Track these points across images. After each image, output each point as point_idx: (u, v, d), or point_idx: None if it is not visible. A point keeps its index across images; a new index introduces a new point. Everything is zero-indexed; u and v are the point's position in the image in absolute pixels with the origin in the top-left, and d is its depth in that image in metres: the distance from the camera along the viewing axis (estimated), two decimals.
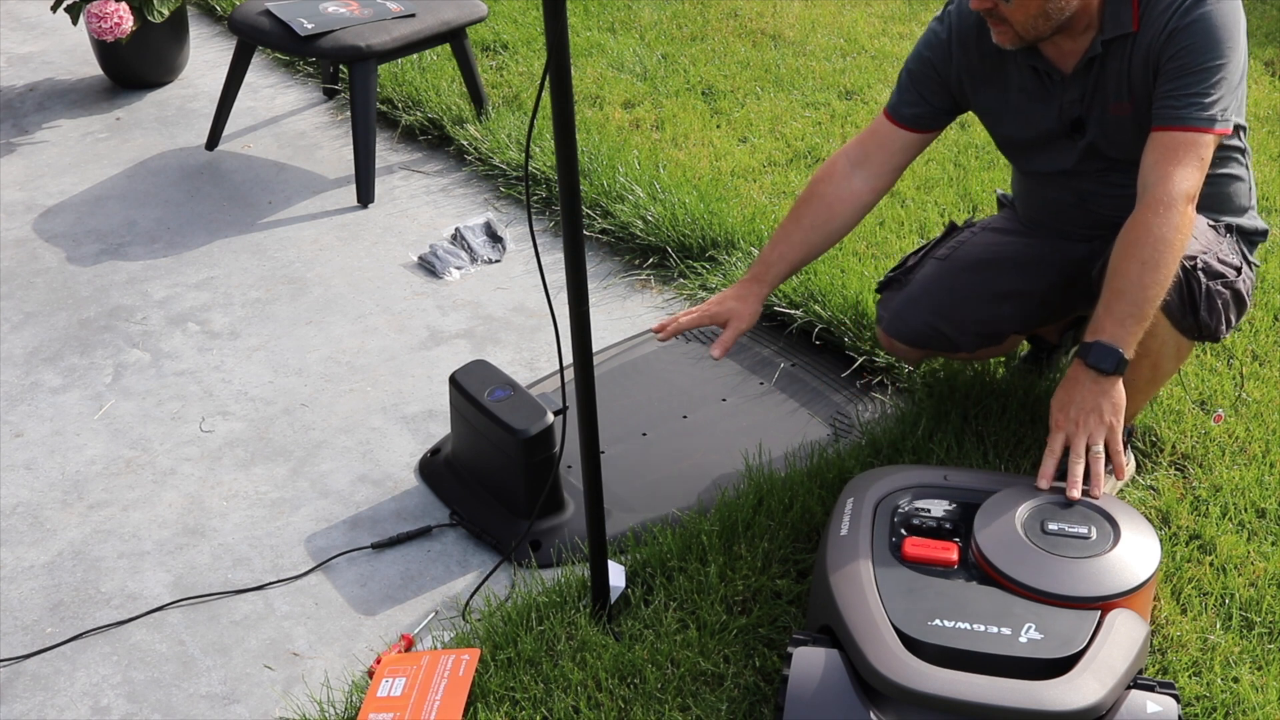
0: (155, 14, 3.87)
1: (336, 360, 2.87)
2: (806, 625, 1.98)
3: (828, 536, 1.95)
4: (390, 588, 2.27)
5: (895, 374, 2.68)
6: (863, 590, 1.80)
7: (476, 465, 2.41)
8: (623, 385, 2.72)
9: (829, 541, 1.93)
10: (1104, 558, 1.80)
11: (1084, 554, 1.81)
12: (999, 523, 1.87)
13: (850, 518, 1.95)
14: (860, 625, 1.75)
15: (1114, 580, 1.78)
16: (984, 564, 1.83)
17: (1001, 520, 1.87)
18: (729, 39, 4.41)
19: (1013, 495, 1.93)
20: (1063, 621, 1.73)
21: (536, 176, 3.46)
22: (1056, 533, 1.85)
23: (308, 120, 3.99)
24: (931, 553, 1.85)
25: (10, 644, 2.17)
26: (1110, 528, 1.86)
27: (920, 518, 1.94)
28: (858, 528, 1.93)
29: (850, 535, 1.92)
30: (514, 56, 4.27)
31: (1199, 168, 1.96)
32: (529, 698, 1.96)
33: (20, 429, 2.67)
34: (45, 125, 3.97)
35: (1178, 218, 1.92)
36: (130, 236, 3.37)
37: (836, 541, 1.92)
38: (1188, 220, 1.94)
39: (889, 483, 2.02)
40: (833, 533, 1.95)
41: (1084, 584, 1.77)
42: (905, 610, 1.76)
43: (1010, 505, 1.90)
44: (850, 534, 1.92)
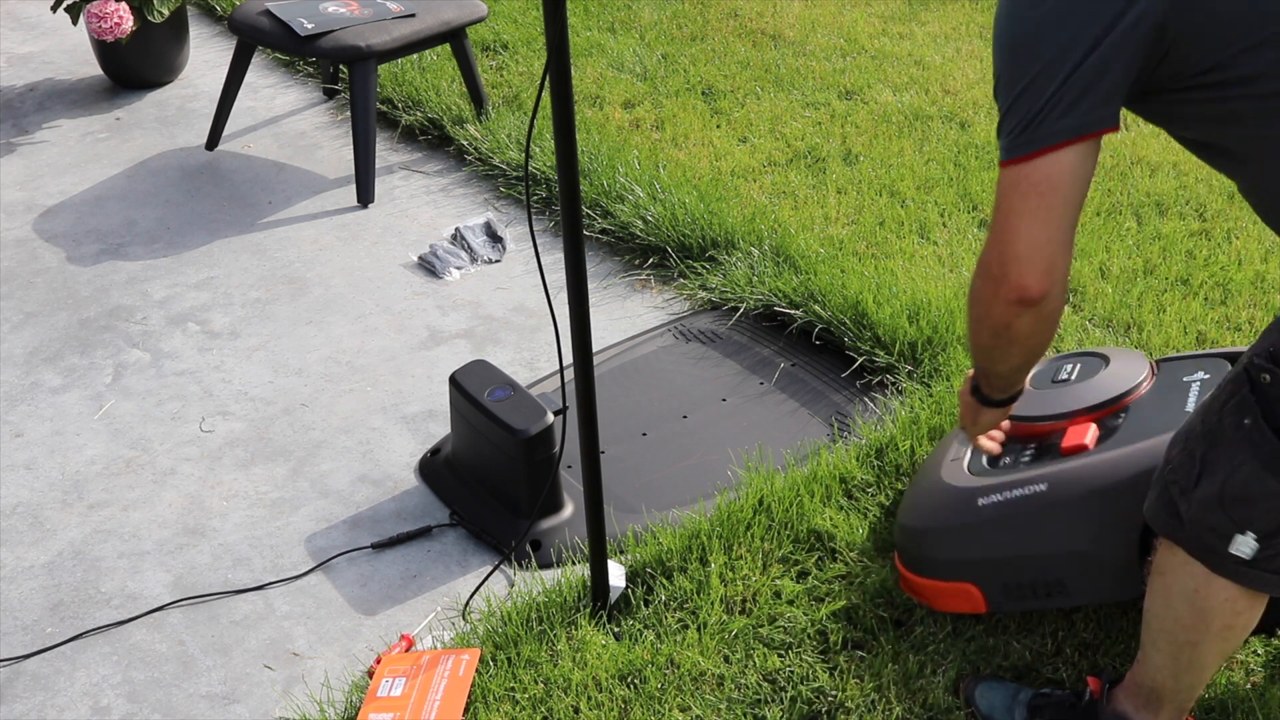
0: (155, 14, 3.87)
1: (336, 360, 2.87)
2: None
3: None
4: (390, 588, 2.27)
5: (895, 374, 2.68)
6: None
7: (476, 465, 2.41)
8: (623, 385, 2.72)
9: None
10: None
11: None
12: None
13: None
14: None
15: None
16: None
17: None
18: (729, 39, 4.41)
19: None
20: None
21: (536, 176, 3.46)
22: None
23: (308, 120, 3.99)
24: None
25: (10, 644, 2.16)
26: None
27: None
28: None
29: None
30: (514, 56, 4.26)
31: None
32: (529, 698, 1.96)
33: (20, 429, 2.67)
34: (45, 125, 3.97)
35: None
36: (130, 236, 3.37)
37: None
38: (970, 291, 1.58)
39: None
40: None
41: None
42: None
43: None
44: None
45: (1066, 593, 1.94)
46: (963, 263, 3.03)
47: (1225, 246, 3.09)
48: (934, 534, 2.05)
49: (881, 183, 3.45)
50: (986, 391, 1.77)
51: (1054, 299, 1.48)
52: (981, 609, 2.01)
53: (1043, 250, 1.44)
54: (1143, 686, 1.75)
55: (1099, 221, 3.21)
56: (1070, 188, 1.41)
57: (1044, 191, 1.41)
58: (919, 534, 2.08)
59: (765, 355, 2.81)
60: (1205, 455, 1.53)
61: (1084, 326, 2.78)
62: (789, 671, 1.99)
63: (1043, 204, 1.42)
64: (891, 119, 3.81)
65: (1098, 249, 3.08)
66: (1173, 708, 1.74)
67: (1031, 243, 1.43)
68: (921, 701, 1.94)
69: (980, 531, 1.99)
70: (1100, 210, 3.28)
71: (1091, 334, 2.75)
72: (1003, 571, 1.98)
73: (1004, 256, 1.46)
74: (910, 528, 2.10)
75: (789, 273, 2.97)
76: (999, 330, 1.54)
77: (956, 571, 2.02)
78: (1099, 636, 2.03)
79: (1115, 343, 2.72)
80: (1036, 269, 1.44)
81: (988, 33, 4.43)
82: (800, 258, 3.01)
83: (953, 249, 3.11)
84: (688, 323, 2.95)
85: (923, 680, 1.97)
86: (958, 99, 3.93)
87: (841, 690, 1.96)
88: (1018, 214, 1.43)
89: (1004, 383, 1.72)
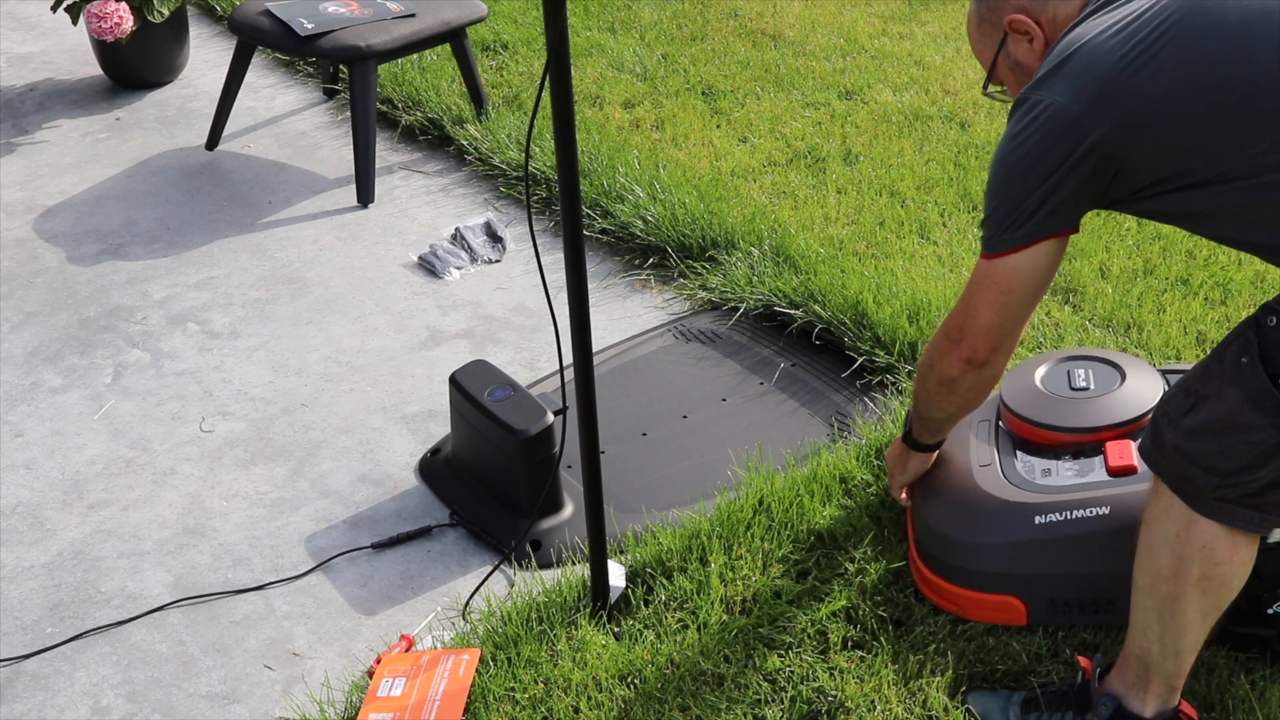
0: (155, 14, 3.87)
1: (336, 360, 2.87)
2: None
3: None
4: (390, 588, 2.27)
5: (895, 374, 2.68)
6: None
7: (476, 465, 2.41)
8: (623, 385, 2.72)
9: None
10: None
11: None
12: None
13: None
14: None
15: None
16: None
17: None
18: (729, 39, 4.41)
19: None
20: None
21: (536, 176, 3.46)
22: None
23: (308, 120, 3.99)
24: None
25: (10, 644, 2.16)
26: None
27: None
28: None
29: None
30: (514, 56, 4.26)
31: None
32: (529, 698, 1.96)
33: (20, 429, 2.67)
34: (45, 125, 3.97)
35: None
36: (130, 236, 3.37)
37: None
38: (930, 342, 1.91)
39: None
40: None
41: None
42: None
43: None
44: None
45: (1115, 611, 1.98)
46: (962, 263, 3.03)
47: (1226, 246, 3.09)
48: (983, 549, 2.03)
49: (881, 183, 3.45)
50: (917, 435, 2.08)
51: (996, 367, 1.84)
52: (1022, 622, 2.03)
53: (995, 331, 1.79)
54: (1131, 660, 1.81)
55: (1099, 221, 3.21)
56: (1025, 285, 1.74)
57: (1003, 289, 1.76)
58: (962, 546, 2.04)
59: (765, 355, 2.81)
60: (1200, 390, 1.66)
61: (1084, 326, 2.78)
62: (789, 671, 1.99)
63: (1000, 299, 1.76)
64: (891, 119, 3.81)
65: (1098, 249, 3.08)
66: (1161, 681, 1.79)
67: (988, 324, 1.79)
68: (921, 701, 1.94)
69: (1035, 549, 1.99)
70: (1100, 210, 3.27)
71: (1091, 334, 2.75)
72: (1052, 588, 2.01)
73: (964, 328, 1.81)
74: (951, 539, 2.06)
75: (789, 273, 2.97)
76: (944, 381, 1.89)
77: (1000, 585, 2.02)
78: (1098, 636, 2.03)
79: (1115, 343, 2.72)
80: (988, 344, 1.81)
81: None
82: (800, 258, 3.01)
83: (953, 249, 3.11)
84: (688, 323, 2.95)
85: (923, 680, 1.96)
86: (958, 99, 3.93)
87: (841, 690, 1.96)
88: (981, 300, 1.78)
89: (935, 427, 2.05)
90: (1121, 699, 1.81)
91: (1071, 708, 1.87)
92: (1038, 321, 2.80)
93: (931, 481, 2.15)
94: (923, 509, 2.14)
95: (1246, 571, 1.70)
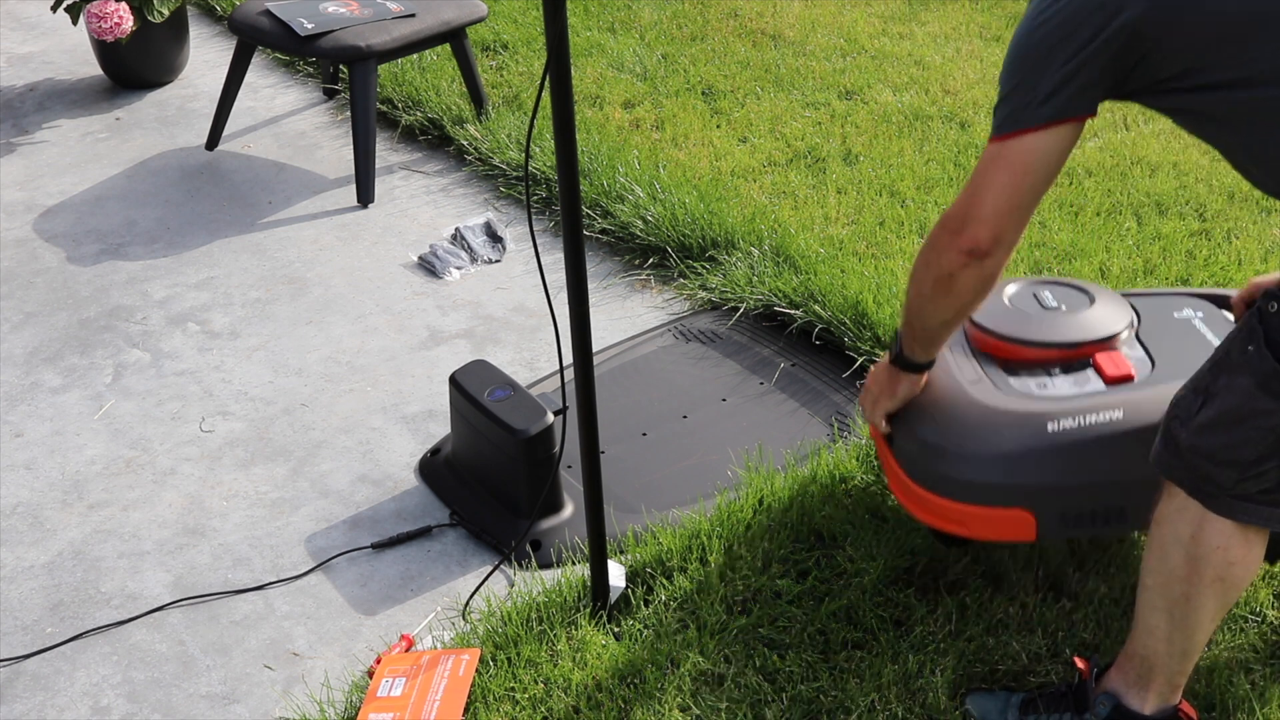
0: (155, 14, 3.87)
1: (336, 360, 2.87)
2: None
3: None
4: (390, 588, 2.27)
5: None
6: None
7: (476, 465, 2.41)
8: (623, 385, 2.72)
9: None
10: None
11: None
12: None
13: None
14: None
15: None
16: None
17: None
18: (729, 39, 4.41)
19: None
20: None
21: (536, 176, 3.46)
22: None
23: (308, 120, 3.99)
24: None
25: (10, 644, 2.16)
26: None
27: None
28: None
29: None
30: (514, 56, 4.26)
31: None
32: (529, 698, 1.96)
33: (20, 429, 2.67)
34: (45, 125, 3.97)
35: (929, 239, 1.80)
36: (130, 236, 3.37)
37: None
38: (926, 241, 1.80)
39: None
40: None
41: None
42: None
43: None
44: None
45: (1125, 521, 1.96)
46: None
47: (1225, 246, 3.09)
48: (993, 459, 1.95)
49: (881, 183, 3.45)
50: (910, 353, 1.96)
51: (998, 259, 1.72)
52: (1031, 537, 1.96)
53: (1002, 218, 1.69)
54: (1135, 658, 1.80)
55: (1099, 221, 3.21)
56: (1038, 168, 1.65)
57: (1015, 170, 1.66)
58: (973, 459, 1.96)
59: (765, 355, 2.81)
60: (1210, 386, 1.65)
61: None
62: (789, 671, 1.99)
63: (1011, 181, 1.66)
64: (891, 119, 3.81)
65: (1098, 249, 3.08)
66: (1164, 680, 1.79)
67: (995, 209, 1.68)
68: (921, 701, 1.94)
69: (1049, 457, 1.93)
70: (1100, 210, 3.28)
71: None
72: (1065, 499, 1.95)
73: (968, 215, 1.70)
74: (961, 453, 1.97)
75: (789, 273, 2.97)
76: (942, 279, 1.77)
77: (1012, 498, 1.95)
78: (1098, 636, 2.03)
79: None
80: (991, 231, 1.69)
81: (988, 33, 4.44)
82: (800, 258, 3.01)
83: None
84: (688, 323, 2.95)
85: (922, 680, 1.97)
86: (958, 99, 3.93)
87: (841, 690, 1.96)
88: (990, 184, 1.68)
89: (930, 338, 1.92)
90: (1121, 697, 1.81)
91: (1069, 708, 1.86)
92: None
93: (923, 402, 2.04)
94: (919, 428, 2.03)
95: (1257, 569, 1.70)
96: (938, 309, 1.83)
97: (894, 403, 2.03)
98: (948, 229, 1.74)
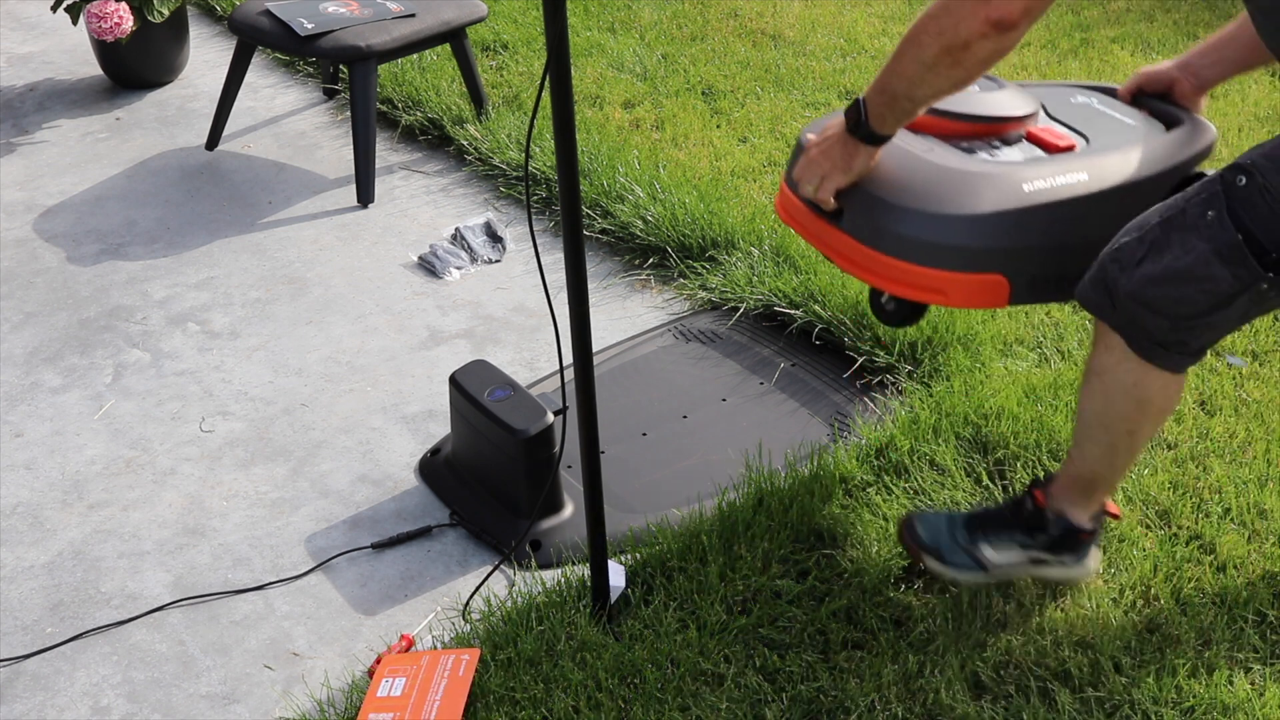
0: (155, 14, 3.87)
1: (336, 360, 2.87)
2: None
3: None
4: (390, 588, 2.27)
5: (895, 374, 2.68)
6: None
7: (476, 465, 2.41)
8: (623, 385, 2.72)
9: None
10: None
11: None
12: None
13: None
14: None
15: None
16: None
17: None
18: (729, 39, 4.41)
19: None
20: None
21: (536, 176, 3.46)
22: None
23: (308, 120, 3.99)
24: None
25: (10, 644, 2.17)
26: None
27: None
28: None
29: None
30: (514, 56, 4.26)
31: None
32: (529, 698, 1.96)
33: (20, 429, 2.67)
34: (45, 125, 3.97)
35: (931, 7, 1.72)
36: (130, 236, 3.37)
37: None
38: (937, 3, 1.71)
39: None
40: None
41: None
42: None
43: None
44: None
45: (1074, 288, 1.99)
46: None
47: None
48: (974, 220, 1.91)
49: None
50: (878, 125, 1.85)
51: (1020, 32, 1.67)
52: (1003, 303, 1.98)
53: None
54: (1078, 480, 1.96)
55: None
56: None
57: None
58: (948, 220, 1.91)
59: (765, 355, 2.81)
60: (1157, 239, 1.72)
61: (1084, 327, 2.77)
62: (789, 671, 1.99)
63: None
64: None
65: None
66: (1102, 492, 1.99)
67: None
68: (921, 701, 1.94)
69: (1027, 218, 1.92)
70: None
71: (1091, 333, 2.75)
72: (1036, 262, 1.95)
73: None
74: (935, 214, 1.91)
75: (789, 273, 2.97)
76: (954, 49, 1.69)
77: (989, 262, 1.93)
78: (1098, 636, 2.03)
79: None
80: (1021, 3, 1.63)
81: None
82: (800, 257, 3.01)
83: None
84: (688, 323, 2.95)
85: (922, 680, 1.97)
86: None
87: (841, 690, 1.96)
88: None
89: (911, 110, 1.83)
90: (1066, 514, 1.99)
91: (1019, 528, 2.02)
92: (1038, 322, 2.80)
93: (887, 172, 1.96)
94: (890, 197, 1.95)
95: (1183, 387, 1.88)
96: (938, 79, 1.75)
97: (848, 177, 1.95)
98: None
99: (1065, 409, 2.49)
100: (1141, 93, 2.20)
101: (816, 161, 1.96)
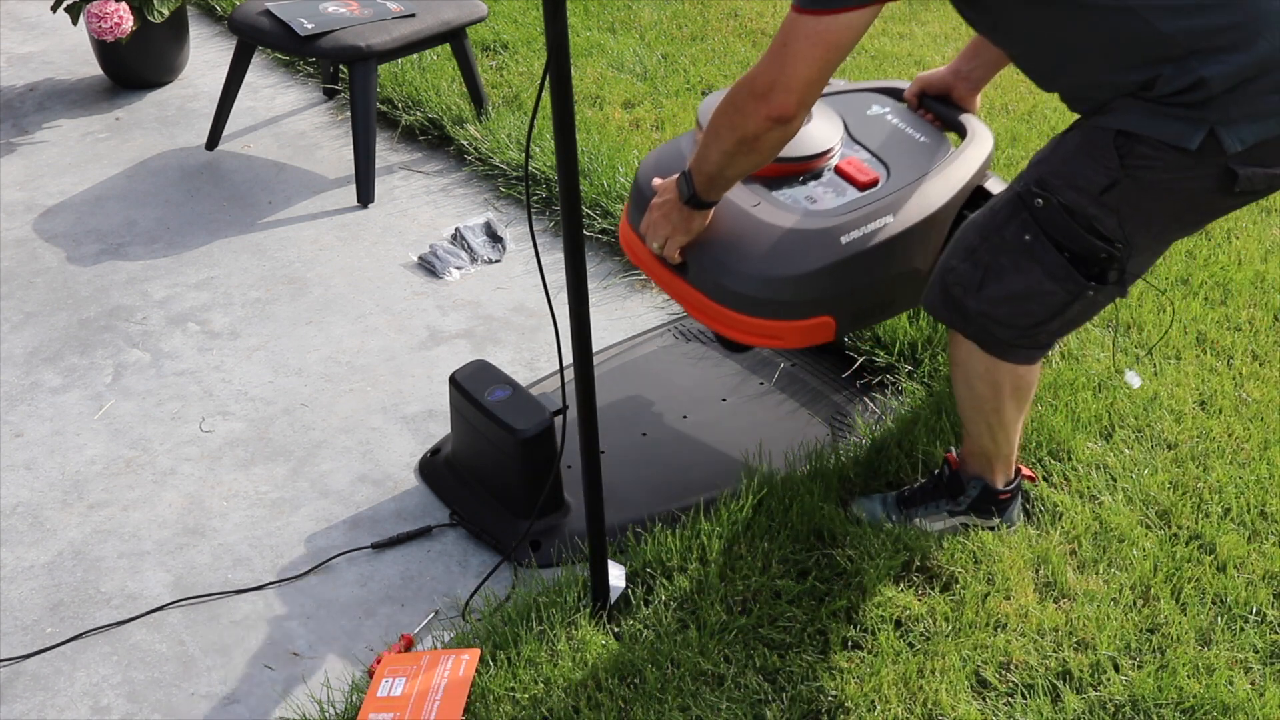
0: (155, 14, 3.87)
1: (336, 360, 2.87)
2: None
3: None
4: (390, 588, 2.27)
5: (895, 374, 2.68)
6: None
7: (476, 465, 2.41)
8: (623, 385, 2.72)
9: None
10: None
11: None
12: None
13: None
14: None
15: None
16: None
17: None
18: (729, 39, 4.41)
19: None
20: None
21: (536, 176, 3.46)
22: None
23: (308, 120, 3.99)
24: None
25: (10, 644, 2.17)
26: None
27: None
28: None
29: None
30: (514, 56, 4.26)
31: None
32: (529, 698, 1.96)
33: (20, 429, 2.67)
34: (45, 125, 3.97)
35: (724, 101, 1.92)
36: (130, 236, 3.37)
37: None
38: (728, 102, 1.91)
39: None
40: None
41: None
42: None
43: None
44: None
45: (894, 308, 2.39)
46: None
47: (1225, 246, 3.09)
48: (802, 278, 2.15)
49: None
50: (705, 195, 2.07)
51: (799, 122, 1.88)
52: (831, 338, 2.23)
53: (811, 86, 1.82)
54: (975, 455, 2.19)
55: None
56: (850, 43, 1.80)
57: (830, 45, 1.78)
58: (783, 281, 2.15)
59: (765, 355, 2.81)
60: (990, 263, 1.94)
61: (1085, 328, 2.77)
62: (789, 671, 1.99)
63: (824, 55, 1.79)
64: None
65: None
66: (1002, 463, 2.19)
67: (806, 79, 1.81)
68: (921, 701, 1.94)
69: (846, 267, 2.16)
70: None
71: (1091, 333, 2.75)
72: (855, 299, 2.22)
73: (776, 84, 1.82)
74: (771, 276, 2.15)
75: None
76: (746, 140, 1.90)
77: (818, 309, 2.19)
78: (1097, 635, 2.03)
79: (1114, 344, 2.72)
80: (799, 99, 1.83)
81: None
82: None
83: None
84: (688, 323, 2.95)
85: (923, 680, 1.97)
86: None
87: (841, 690, 1.96)
88: (802, 56, 1.79)
89: (727, 184, 2.06)
90: (984, 478, 2.20)
91: (943, 495, 2.23)
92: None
93: (721, 233, 2.19)
94: (726, 259, 2.18)
95: (1039, 370, 2.11)
96: (740, 164, 1.98)
97: (689, 237, 2.17)
98: (754, 94, 1.85)
99: (1064, 409, 2.49)
100: (925, 94, 2.42)
101: (659, 224, 2.17)
